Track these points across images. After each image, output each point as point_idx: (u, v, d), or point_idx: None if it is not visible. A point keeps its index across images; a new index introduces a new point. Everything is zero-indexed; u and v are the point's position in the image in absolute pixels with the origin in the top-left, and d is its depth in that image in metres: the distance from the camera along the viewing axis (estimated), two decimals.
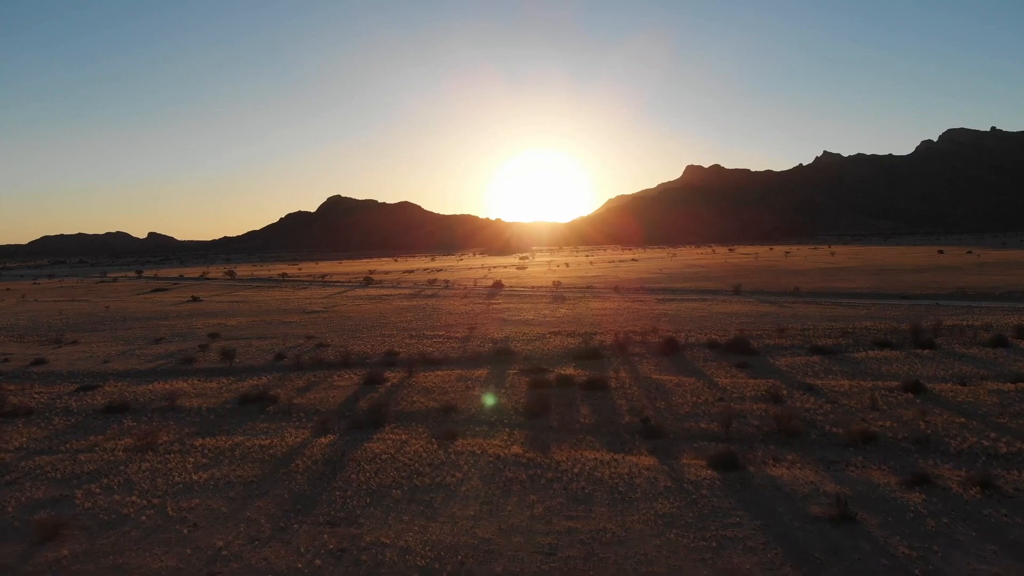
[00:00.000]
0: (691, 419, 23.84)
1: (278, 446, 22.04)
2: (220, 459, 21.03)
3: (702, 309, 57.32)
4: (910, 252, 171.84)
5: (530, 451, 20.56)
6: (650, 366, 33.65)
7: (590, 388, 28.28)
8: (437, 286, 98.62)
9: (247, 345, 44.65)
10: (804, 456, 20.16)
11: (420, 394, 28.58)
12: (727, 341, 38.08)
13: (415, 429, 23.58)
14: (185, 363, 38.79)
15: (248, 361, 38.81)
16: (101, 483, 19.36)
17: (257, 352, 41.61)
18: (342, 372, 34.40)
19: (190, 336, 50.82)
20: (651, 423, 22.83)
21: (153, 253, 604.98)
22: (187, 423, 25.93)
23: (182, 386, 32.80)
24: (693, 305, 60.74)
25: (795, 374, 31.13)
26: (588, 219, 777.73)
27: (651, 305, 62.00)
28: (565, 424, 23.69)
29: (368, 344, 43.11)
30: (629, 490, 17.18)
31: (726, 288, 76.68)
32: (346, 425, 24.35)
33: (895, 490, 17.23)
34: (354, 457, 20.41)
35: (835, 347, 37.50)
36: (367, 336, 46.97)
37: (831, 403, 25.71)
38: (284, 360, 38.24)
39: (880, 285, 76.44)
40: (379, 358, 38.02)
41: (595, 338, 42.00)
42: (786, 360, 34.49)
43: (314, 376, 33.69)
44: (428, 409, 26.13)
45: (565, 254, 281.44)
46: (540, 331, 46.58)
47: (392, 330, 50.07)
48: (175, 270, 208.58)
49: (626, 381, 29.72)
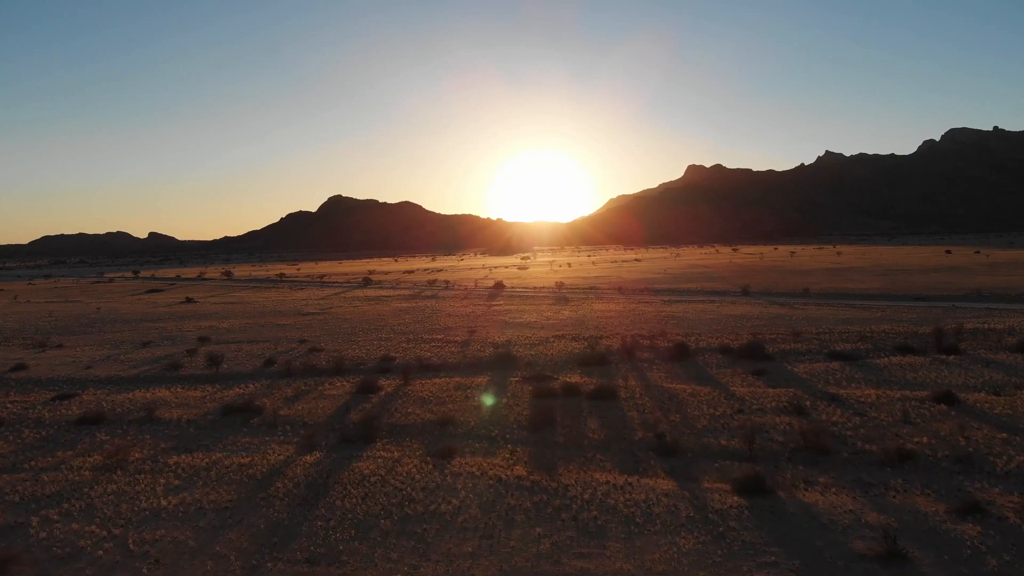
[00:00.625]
0: (709, 434, 21.93)
1: (259, 465, 20.15)
2: (194, 481, 19.14)
3: (711, 311, 55.39)
4: (917, 252, 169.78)
5: (535, 472, 18.65)
6: (661, 373, 31.74)
7: (598, 398, 26.38)
8: (437, 287, 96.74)
9: (237, 349, 42.78)
10: (837, 478, 18.25)
11: (416, 404, 26.68)
12: (741, 346, 36.15)
13: (409, 445, 21.68)
14: (170, 369, 36.91)
15: (236, 367, 36.92)
16: (61, 508, 17.48)
17: (247, 357, 39.73)
18: (334, 379, 32.51)
19: (179, 339, 48.96)
20: (666, 439, 20.91)
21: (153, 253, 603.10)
22: (164, 437, 24.05)
23: (164, 395, 30.93)
24: (701, 307, 58.81)
25: (816, 382, 29.22)
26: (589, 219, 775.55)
27: (657, 307, 60.07)
28: (572, 439, 21.78)
29: (363, 349, 41.22)
30: (647, 521, 15.26)
31: (734, 289, 74.74)
32: (334, 440, 22.46)
33: (945, 520, 15.33)
34: (341, 479, 18.51)
35: (855, 352, 35.59)
36: (362, 340, 45.08)
37: (859, 416, 23.79)
38: (274, 366, 36.36)
39: (891, 286, 74.51)
40: (374, 364, 36.13)
41: (601, 342, 40.10)
42: (804, 367, 32.58)
43: (304, 384, 31.80)
44: (424, 422, 24.23)
45: (567, 254, 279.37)
46: (543, 335, 44.69)
47: (389, 333, 48.18)
48: (173, 270, 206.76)
49: (636, 390, 27.80)
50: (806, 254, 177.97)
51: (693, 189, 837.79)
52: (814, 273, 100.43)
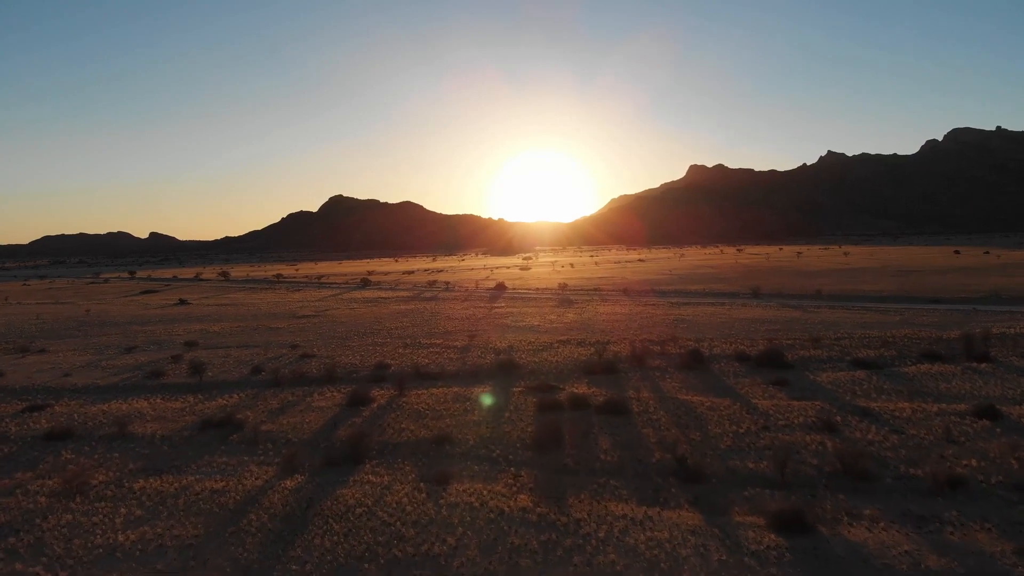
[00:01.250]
0: (735, 455, 19.80)
1: (233, 491, 18.04)
2: (159, 510, 17.04)
3: (721, 314, 53.21)
4: (925, 252, 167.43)
5: (541, 503, 16.52)
6: (674, 383, 29.60)
7: (609, 412, 24.24)
8: (437, 288, 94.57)
9: (225, 355, 40.68)
10: (884, 509, 16.13)
11: (410, 419, 24.56)
12: (758, 353, 34.00)
13: (401, 468, 19.57)
14: (152, 377, 34.82)
15: (222, 375, 34.82)
16: (7, 544, 15.41)
17: (234, 364, 37.62)
18: (324, 389, 30.40)
19: (166, 344, 46.86)
20: (688, 463, 18.78)
21: (154, 253, 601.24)
22: (134, 456, 21.96)
23: (141, 406, 28.84)
24: (711, 310, 56.63)
25: (843, 394, 27.08)
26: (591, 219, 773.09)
27: (665, 309, 57.89)
28: (583, 461, 19.65)
29: (357, 355, 39.11)
30: (674, 567, 13.13)
31: (743, 291, 72.54)
32: (319, 461, 20.35)
33: (1015, 562, 13.23)
34: (322, 510, 16.39)
35: (879, 360, 33.45)
36: (357, 345, 42.96)
37: (897, 433, 21.65)
38: (261, 374, 34.25)
39: (904, 287, 72.32)
40: (368, 372, 34.01)
41: (608, 348, 37.95)
42: (828, 376, 30.44)
43: (292, 394, 29.70)
44: (418, 440, 22.12)
45: (569, 254, 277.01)
46: (547, 339, 42.55)
47: (385, 338, 46.06)
48: (171, 271, 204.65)
49: (650, 403, 25.67)
50: (812, 254, 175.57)
51: (695, 189, 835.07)
52: (823, 274, 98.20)
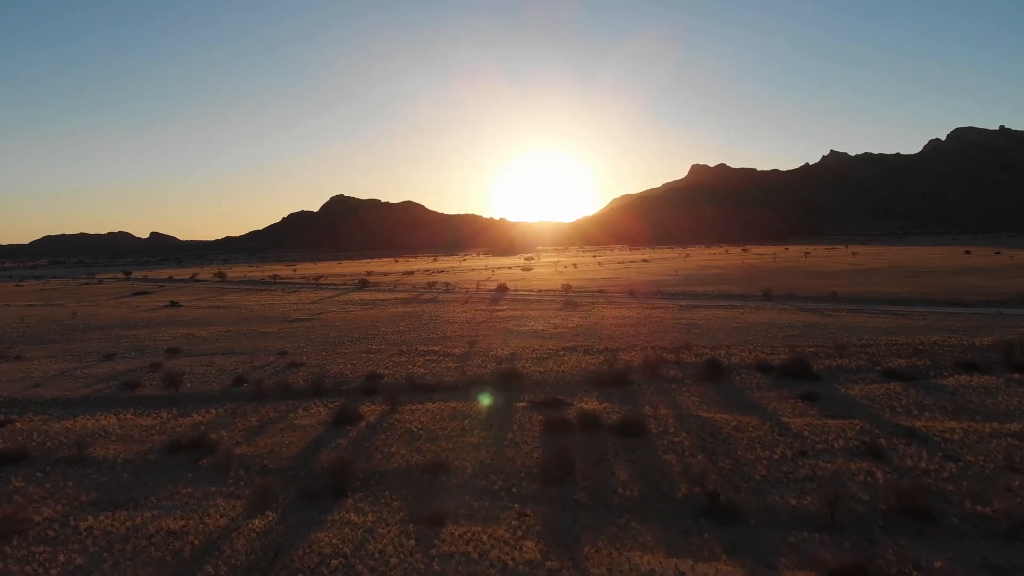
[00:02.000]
0: (773, 488, 17.21)
1: (192, 533, 15.50)
2: (103, 558, 14.52)
3: (735, 318, 50.55)
4: (934, 252, 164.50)
5: (552, 553, 13.95)
6: (693, 397, 27.00)
7: (624, 433, 21.66)
8: (437, 290, 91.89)
9: (208, 363, 38.12)
10: (956, 558, 13.62)
11: (401, 441, 21.98)
12: (782, 362, 31.39)
13: (388, 503, 17.01)
14: (126, 388, 32.27)
15: (201, 386, 32.26)
16: None
17: (216, 374, 35.05)
18: (310, 403, 27.84)
19: (149, 350, 44.31)
20: (720, 499, 16.20)
21: (154, 253, 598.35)
22: (89, 485, 19.43)
23: (109, 423, 26.31)
24: (723, 313, 53.94)
25: (881, 410, 24.47)
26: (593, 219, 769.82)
27: (675, 313, 55.21)
28: (598, 495, 17.08)
29: (348, 363, 36.51)
30: None
31: (754, 292, 69.79)
32: (295, 494, 17.81)
33: None
34: (292, 561, 13.84)
35: (912, 370, 30.83)
36: (349, 352, 40.37)
37: (952, 460, 19.05)
38: (244, 386, 31.67)
39: (922, 289, 69.59)
40: (358, 383, 31.43)
41: (619, 356, 35.35)
42: (861, 388, 27.83)
43: (274, 409, 27.14)
44: (409, 467, 19.55)
45: (571, 254, 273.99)
46: (552, 346, 39.95)
47: (380, 344, 43.47)
48: (168, 271, 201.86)
49: (669, 422, 23.07)
50: (819, 254, 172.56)
51: (697, 189, 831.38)
52: (834, 275, 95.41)
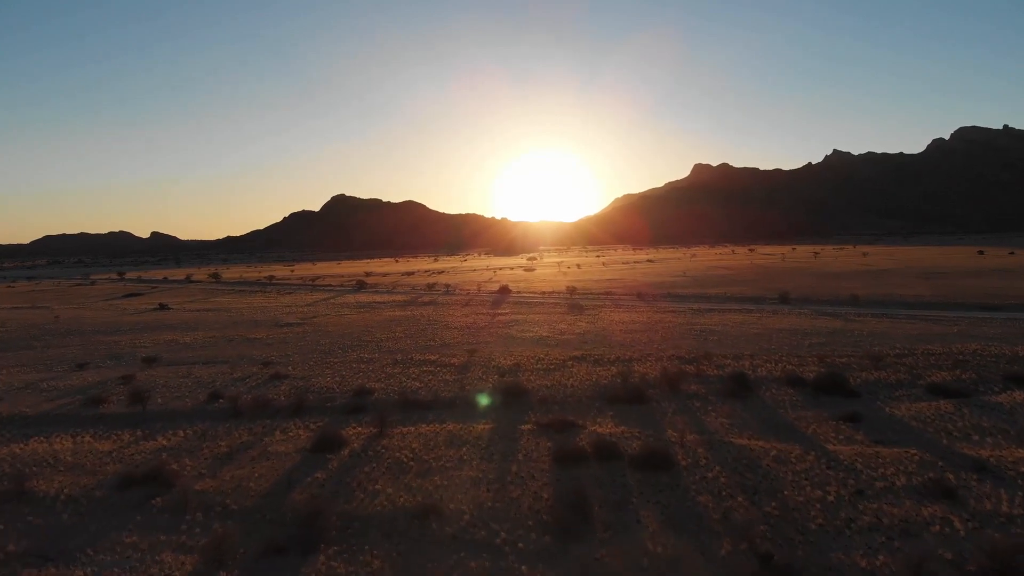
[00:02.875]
0: (834, 543, 14.15)
1: None
2: None
3: (753, 324, 47.47)
4: (946, 253, 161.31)
5: None
6: (721, 418, 23.94)
7: (648, 467, 18.60)
8: (436, 291, 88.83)
9: (185, 375, 35.10)
10: None
11: (389, 475, 18.93)
12: (815, 376, 28.32)
13: (367, 563, 13.97)
14: (91, 405, 29.27)
15: (173, 402, 29.25)
16: None
17: (191, 387, 32.02)
18: (289, 424, 24.82)
19: (126, 359, 41.32)
20: (774, 561, 13.11)
21: (155, 253, 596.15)
22: (21, 530, 16.44)
23: (63, 447, 23.31)
24: (739, 318, 50.84)
25: (937, 435, 21.41)
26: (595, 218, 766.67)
27: (687, 317, 52.12)
28: (624, 553, 14.01)
29: (337, 375, 33.48)
30: None
31: (768, 295, 66.68)
32: (258, 546, 14.78)
33: None
34: None
35: (959, 385, 27.77)
36: (339, 362, 37.33)
37: None
38: (219, 402, 28.65)
39: (943, 292, 66.48)
40: (345, 399, 28.41)
41: (632, 368, 32.29)
42: (907, 408, 24.77)
43: (249, 431, 24.13)
44: (395, 510, 16.50)
45: (574, 254, 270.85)
46: (559, 355, 36.90)
47: (373, 352, 40.44)
48: (165, 272, 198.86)
49: (698, 451, 19.99)
50: (829, 255, 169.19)
51: (699, 188, 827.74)
52: (848, 276, 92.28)
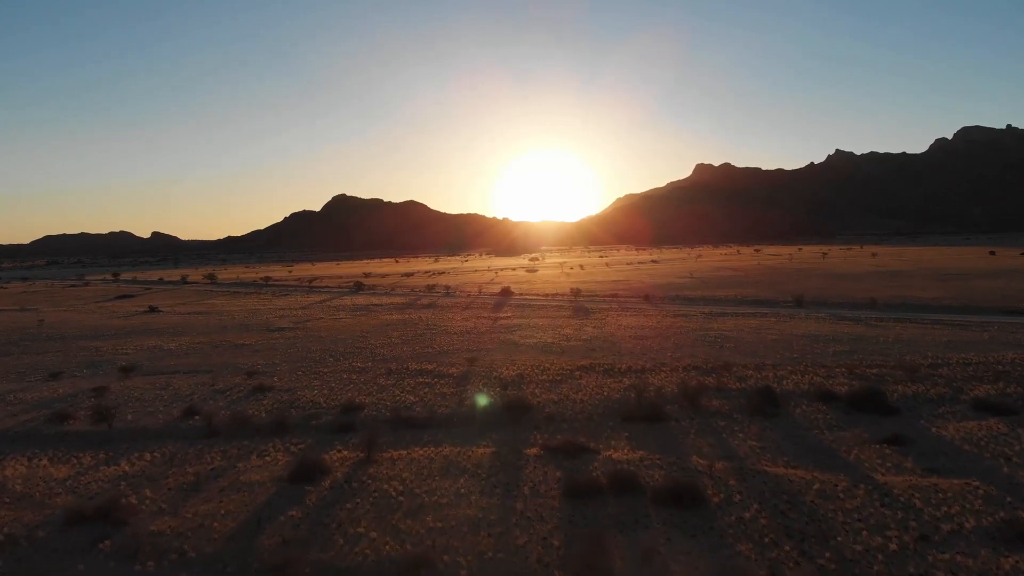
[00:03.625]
0: None
1: None
2: None
3: (770, 329, 44.92)
4: (956, 253, 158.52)
5: None
6: (750, 440, 21.42)
7: (674, 502, 16.09)
8: (436, 294, 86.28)
9: (163, 386, 32.62)
10: None
11: (373, 513, 16.43)
12: (849, 391, 25.79)
13: None
14: (55, 421, 26.80)
15: (145, 418, 26.77)
16: None
17: (167, 401, 29.54)
18: (267, 446, 22.33)
19: (103, 367, 38.86)
20: None
21: (155, 253, 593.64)
22: None
23: (17, 472, 20.87)
24: (754, 323, 48.28)
25: (995, 461, 18.89)
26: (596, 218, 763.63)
27: (700, 322, 49.56)
28: None
29: (325, 387, 30.97)
30: None
31: (781, 298, 64.08)
32: None
33: None
34: None
35: (1005, 400, 25.26)
36: (329, 372, 34.83)
37: None
38: (194, 419, 26.15)
39: (962, 295, 63.91)
40: (332, 416, 25.93)
41: (647, 379, 29.77)
42: (954, 428, 22.25)
43: (223, 454, 21.65)
44: (380, 561, 14.00)
45: (577, 255, 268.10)
46: (565, 364, 34.39)
47: (366, 360, 37.95)
48: (163, 272, 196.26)
49: (729, 481, 17.47)
50: (837, 255, 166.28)
51: (701, 188, 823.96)
52: (860, 278, 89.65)
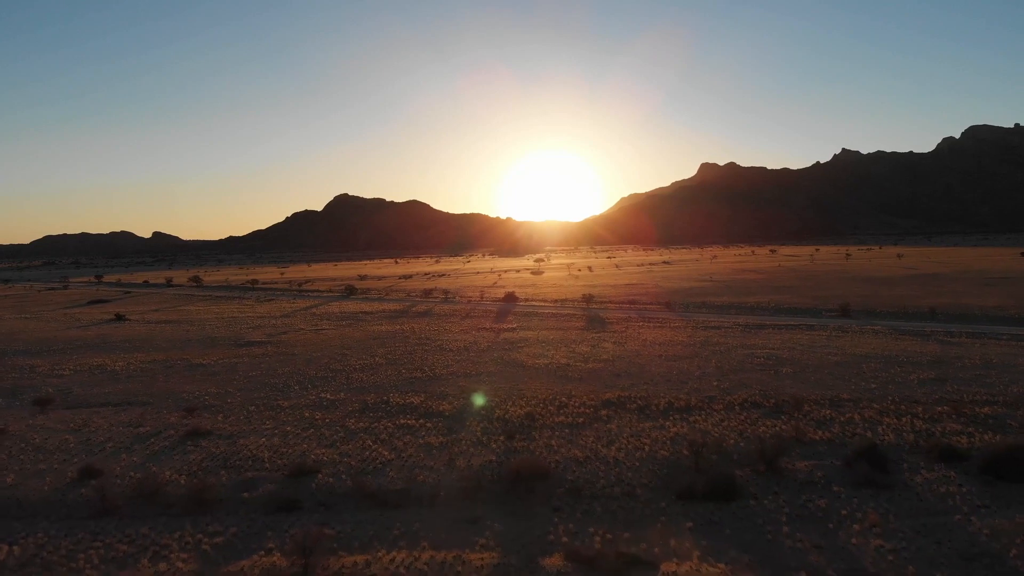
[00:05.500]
0: None
1: None
2: None
3: (825, 346, 37.75)
4: (986, 255, 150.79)
5: None
6: (872, 537, 14.44)
7: None
8: (433, 299, 79.02)
9: (78, 427, 25.67)
10: None
11: None
12: (980, 449, 18.75)
13: None
14: None
15: (28, 480, 19.86)
16: None
17: (69, 453, 22.58)
18: (171, 538, 15.42)
19: (20, 396, 31.91)
20: None
21: (155, 253, 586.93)
22: None
23: None
24: (803, 338, 41.08)
25: None
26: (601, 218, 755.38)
27: (739, 336, 42.38)
28: None
29: (278, 433, 23.96)
30: None
31: (820, 306, 56.73)
32: None
33: None
34: None
35: None
36: (289, 406, 27.79)
37: None
38: (87, 487, 19.16)
39: (1019, 302, 56.65)
40: (274, 484, 18.94)
41: (697, 422, 22.72)
42: None
43: (102, 555, 14.74)
44: None
45: (583, 255, 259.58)
46: (586, 396, 27.36)
47: (340, 389, 30.94)
48: (155, 273, 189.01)
49: None
50: (860, 256, 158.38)
51: (706, 187, 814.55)
52: (897, 282, 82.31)
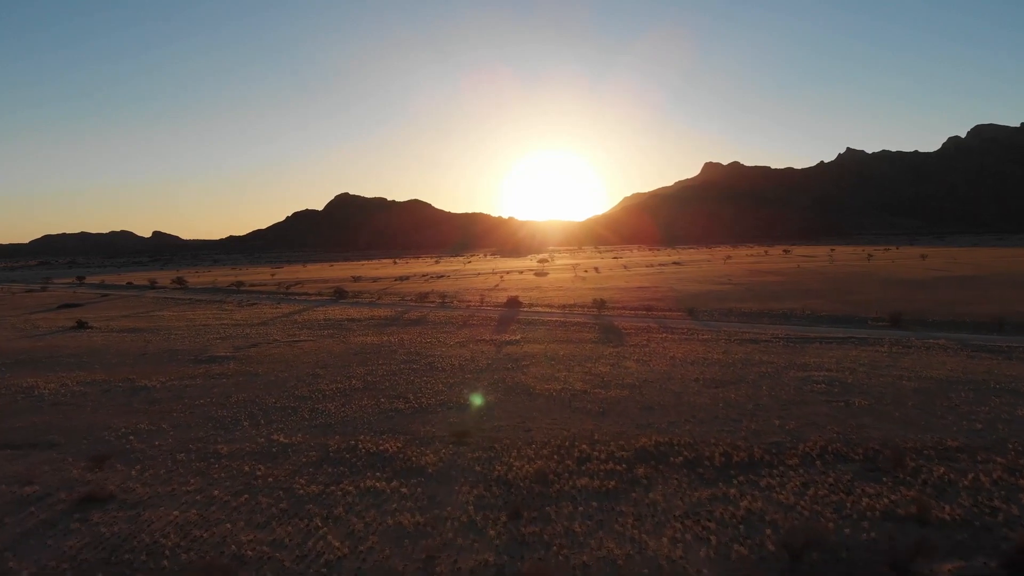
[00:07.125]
0: None
1: None
2: None
3: (891, 367, 31.33)
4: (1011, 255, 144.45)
5: None
6: None
7: None
8: (429, 304, 72.66)
9: None
10: None
11: None
12: None
13: None
14: None
15: None
16: None
17: None
18: None
19: None
20: None
21: (155, 253, 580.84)
22: None
23: None
24: (861, 355, 34.66)
25: None
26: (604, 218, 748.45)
27: (784, 354, 35.94)
28: None
29: (201, 499, 17.61)
30: None
31: (863, 314, 50.30)
32: None
33: None
34: None
35: None
36: (229, 453, 21.45)
37: None
38: None
39: None
40: None
41: (771, 490, 16.41)
42: None
43: None
44: None
45: (587, 255, 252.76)
46: (614, 442, 21.07)
47: (296, 429, 24.59)
48: (135, 275, 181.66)
49: None
50: (881, 257, 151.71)
51: (710, 187, 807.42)
52: (930, 285, 75.86)
